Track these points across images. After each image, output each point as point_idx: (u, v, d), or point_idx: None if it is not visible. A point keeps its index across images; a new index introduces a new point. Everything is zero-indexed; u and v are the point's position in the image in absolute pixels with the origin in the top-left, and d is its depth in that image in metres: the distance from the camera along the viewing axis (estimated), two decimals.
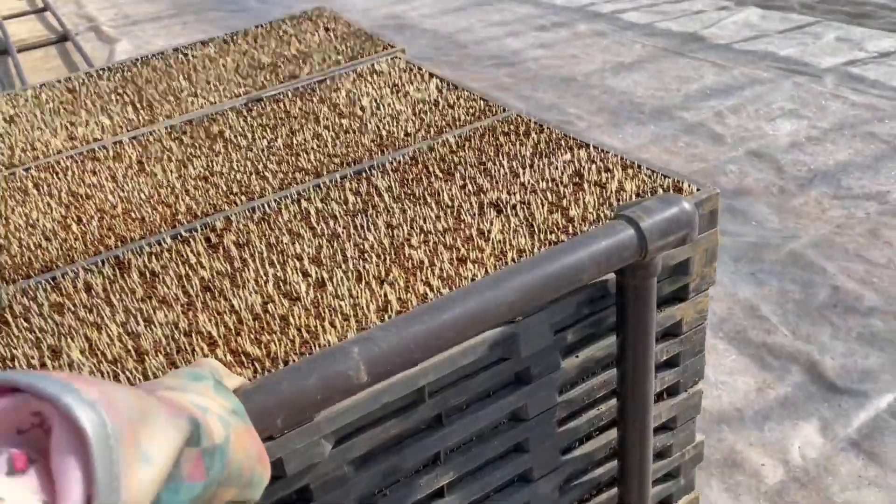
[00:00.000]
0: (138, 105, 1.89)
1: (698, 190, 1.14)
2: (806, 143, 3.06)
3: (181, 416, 0.53)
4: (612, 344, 1.16)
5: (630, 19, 4.74)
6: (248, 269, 1.14)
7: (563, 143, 1.37)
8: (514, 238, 1.11)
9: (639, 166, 1.24)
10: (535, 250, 1.08)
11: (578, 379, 1.18)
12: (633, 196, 1.17)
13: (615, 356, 1.15)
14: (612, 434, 1.26)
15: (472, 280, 1.04)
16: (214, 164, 1.53)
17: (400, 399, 0.97)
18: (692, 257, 1.15)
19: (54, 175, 1.57)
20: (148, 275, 1.16)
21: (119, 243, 1.27)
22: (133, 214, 1.37)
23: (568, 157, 1.32)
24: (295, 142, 1.58)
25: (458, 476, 1.10)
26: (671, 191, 1.17)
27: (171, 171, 1.52)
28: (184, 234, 1.27)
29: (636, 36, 4.45)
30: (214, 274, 1.14)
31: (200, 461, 0.54)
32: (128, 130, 1.75)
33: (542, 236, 1.11)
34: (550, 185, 1.24)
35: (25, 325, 1.07)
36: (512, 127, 1.46)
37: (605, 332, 1.16)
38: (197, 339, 1.00)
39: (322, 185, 1.36)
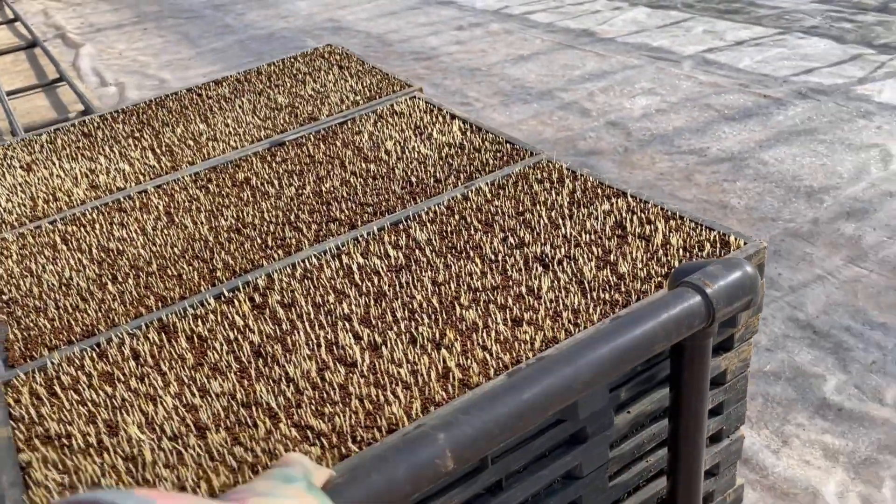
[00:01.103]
0: (158, 150, 1.87)
1: (745, 244, 1.15)
2: (654, 114, 3.67)
3: None
4: (662, 397, 1.17)
5: (537, 19, 5.42)
6: (298, 332, 1.13)
7: (599, 191, 1.37)
8: (566, 297, 1.11)
9: (681, 217, 1.25)
10: (589, 310, 1.09)
11: (629, 433, 1.18)
12: (680, 250, 1.18)
13: (668, 410, 1.15)
14: (660, 483, 1.26)
15: (530, 343, 1.04)
16: (245, 214, 1.52)
17: (465, 468, 0.97)
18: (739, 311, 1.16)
19: (81, 228, 1.55)
20: (196, 340, 1.15)
21: (160, 304, 1.26)
22: (169, 271, 1.36)
23: (607, 206, 1.32)
24: (324, 189, 1.57)
25: None
26: (718, 244, 1.18)
27: (202, 223, 1.51)
28: (226, 293, 1.26)
29: (539, 33, 5.12)
30: (264, 338, 1.13)
31: None
32: (151, 178, 1.74)
33: (594, 294, 1.11)
34: (593, 237, 1.25)
35: (76, 398, 1.06)
36: (545, 174, 1.46)
37: (655, 386, 1.17)
38: (257, 412, 0.99)
39: (360, 238, 1.35)
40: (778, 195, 2.88)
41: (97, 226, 1.56)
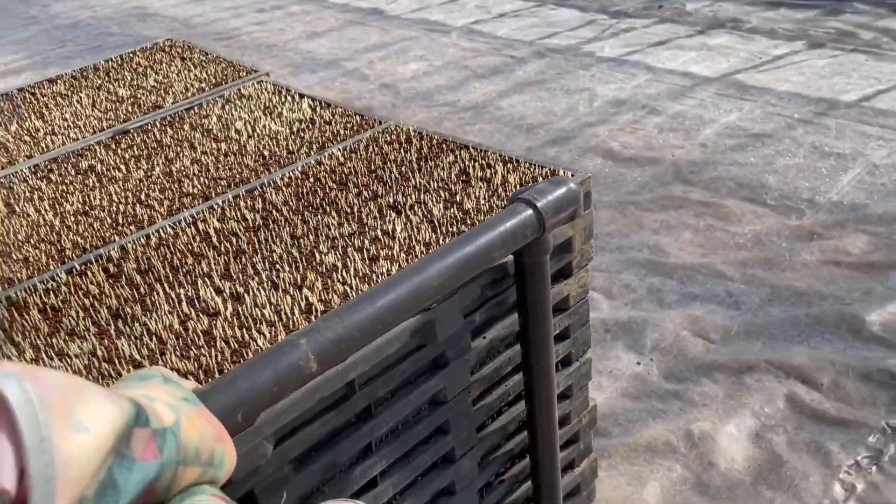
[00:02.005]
0: None
1: (573, 175, 1.29)
2: (421, 76, 4.38)
3: (122, 398, 0.55)
4: (513, 322, 1.27)
5: (334, 1, 6.12)
6: (157, 294, 1.14)
7: (444, 146, 1.47)
8: (417, 234, 1.19)
9: (517, 161, 1.37)
10: (440, 242, 1.17)
11: (487, 358, 1.28)
12: (517, 186, 1.29)
13: (519, 332, 1.26)
14: (520, 408, 1.37)
15: (387, 275, 1.11)
16: (92, 198, 1.49)
17: (333, 394, 1.02)
18: (573, 236, 1.29)
19: None
20: (49, 311, 1.13)
21: (6, 285, 1.22)
22: (13, 256, 1.31)
23: (451, 158, 1.42)
24: (174, 169, 1.57)
25: (389, 464, 1.16)
26: (549, 177, 1.30)
27: (45, 210, 1.47)
28: (78, 267, 1.23)
29: (334, 13, 5.83)
30: (122, 302, 1.13)
31: (153, 441, 0.57)
32: None
33: (443, 229, 1.20)
34: (441, 184, 1.34)
35: None
36: (393, 136, 1.54)
37: (506, 312, 1.27)
38: (120, 363, 0.99)
39: (216, 206, 1.37)
40: (505, 132, 3.59)
41: None
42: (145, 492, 0.56)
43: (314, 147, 1.57)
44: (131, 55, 2.31)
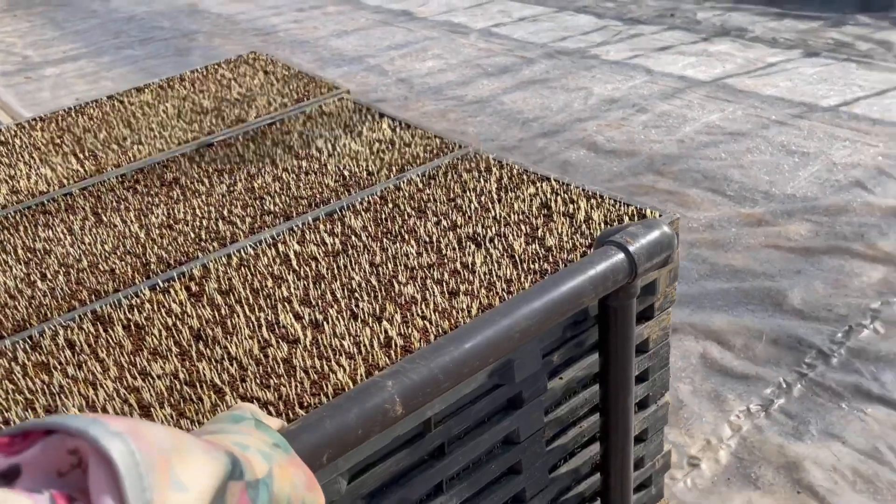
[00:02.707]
0: (80, 155, 1.84)
1: (661, 216, 1.24)
2: (436, 73, 4.71)
3: (219, 450, 0.54)
4: (591, 363, 1.23)
5: (367, 2, 6.61)
6: (238, 316, 1.14)
7: (524, 177, 1.44)
8: (498, 269, 1.17)
9: (601, 196, 1.33)
10: (521, 279, 1.14)
11: (563, 399, 1.24)
12: (602, 225, 1.26)
13: (599, 374, 1.22)
14: (594, 449, 1.33)
15: (467, 311, 1.09)
16: (176, 211, 1.52)
17: (409, 431, 1.00)
18: (658, 278, 1.25)
19: (4, 231, 1.51)
20: (133, 327, 1.15)
21: (93, 297, 1.25)
22: (101, 267, 1.34)
23: (532, 190, 1.39)
24: (255, 185, 1.59)
25: (460, 502, 1.13)
26: (636, 216, 1.26)
27: (132, 221, 1.50)
28: (161, 284, 1.25)
29: (366, 13, 6.28)
30: (203, 323, 1.14)
31: (245, 494, 0.56)
32: (75, 181, 1.71)
33: (524, 266, 1.17)
34: (521, 217, 1.31)
35: (12, 386, 1.04)
36: (472, 164, 1.52)
37: (585, 353, 1.24)
38: (202, 388, 1.00)
39: (295, 228, 1.38)
40: (503, 124, 3.86)
41: (21, 228, 1.52)
42: None
43: (393, 169, 1.57)
44: (216, 66, 2.36)
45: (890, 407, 1.95)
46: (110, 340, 1.12)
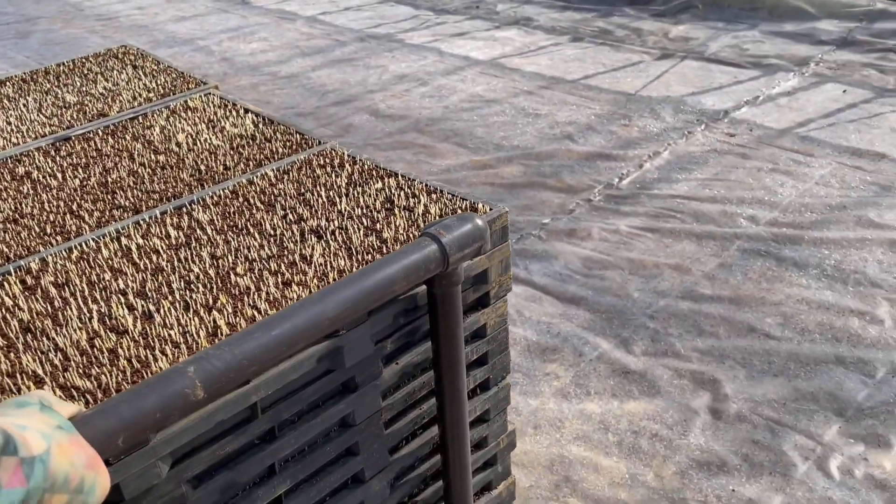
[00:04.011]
0: None
1: (491, 209, 1.33)
2: (258, 53, 5.40)
3: None
4: (427, 349, 1.30)
5: None
6: (70, 308, 1.15)
7: (374, 173, 1.50)
8: (334, 261, 1.22)
9: (441, 191, 1.41)
10: (353, 269, 1.20)
11: (400, 383, 1.31)
12: (438, 217, 1.33)
13: (432, 358, 1.29)
14: (434, 431, 1.40)
15: (297, 300, 1.13)
16: (23, 205, 1.50)
17: (234, 416, 1.04)
18: (489, 267, 1.33)
19: None
20: None
21: None
22: None
23: (379, 185, 1.45)
24: (110, 180, 1.58)
25: (294, 484, 1.18)
26: (468, 211, 1.34)
27: None
28: None
29: (207, 2, 6.89)
30: (34, 315, 1.14)
31: (20, 469, 0.62)
32: None
33: (359, 257, 1.23)
34: (365, 211, 1.37)
35: None
36: (327, 160, 1.57)
37: (421, 339, 1.31)
38: (22, 379, 1.01)
39: (142, 222, 1.39)
40: (304, 95, 4.52)
41: None
42: None
43: (251, 164, 1.60)
44: (83, 60, 2.31)
45: (528, 286, 2.64)
46: None
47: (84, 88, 2.09)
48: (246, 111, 1.86)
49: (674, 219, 2.94)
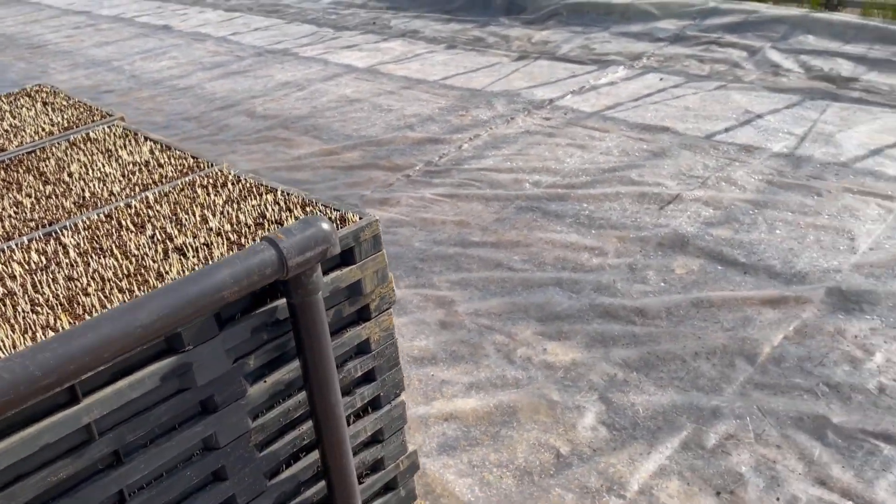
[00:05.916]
0: None
1: (361, 218, 1.29)
2: (164, 70, 5.82)
3: None
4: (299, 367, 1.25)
5: (137, 20, 7.85)
6: None
7: (255, 190, 1.47)
8: None
9: (316, 202, 1.37)
10: None
11: (274, 403, 1.26)
12: None
13: (302, 374, 1.24)
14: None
15: None
16: None
17: (63, 440, 0.99)
18: (363, 278, 1.29)
19: None
20: None
21: None
22: None
23: (256, 201, 1.42)
24: None
25: None
26: (338, 221, 1.30)
27: None
28: None
29: (133, 28, 7.51)
30: None
31: None
32: None
33: None
34: (235, 227, 1.33)
35: None
36: (211, 180, 1.54)
37: (294, 356, 1.26)
38: None
39: (6, 249, 1.34)
40: (195, 103, 4.92)
41: None
42: None
43: (137, 190, 1.56)
44: None
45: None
46: None
47: None
48: (146, 139, 1.83)
49: (472, 186, 3.33)
